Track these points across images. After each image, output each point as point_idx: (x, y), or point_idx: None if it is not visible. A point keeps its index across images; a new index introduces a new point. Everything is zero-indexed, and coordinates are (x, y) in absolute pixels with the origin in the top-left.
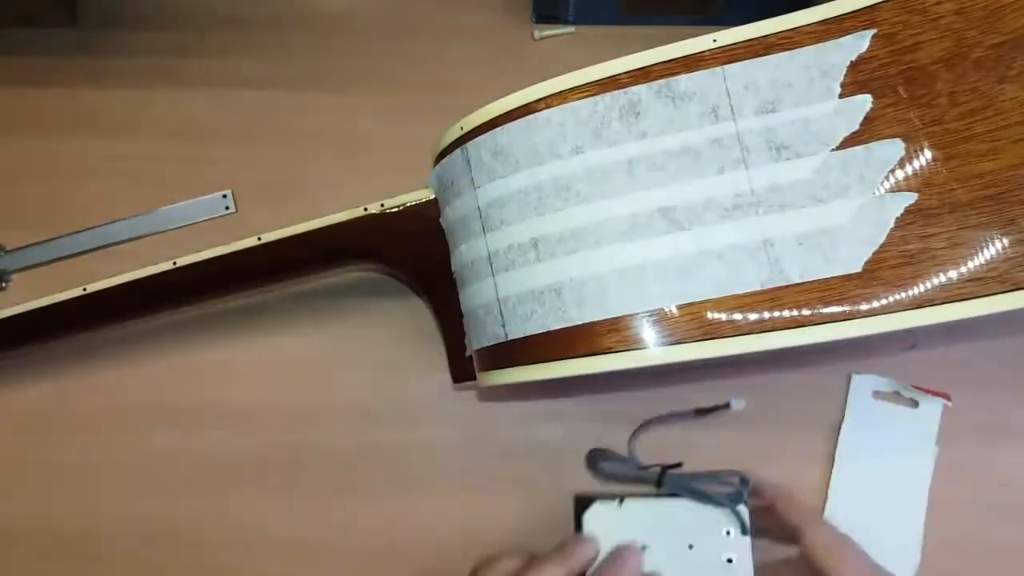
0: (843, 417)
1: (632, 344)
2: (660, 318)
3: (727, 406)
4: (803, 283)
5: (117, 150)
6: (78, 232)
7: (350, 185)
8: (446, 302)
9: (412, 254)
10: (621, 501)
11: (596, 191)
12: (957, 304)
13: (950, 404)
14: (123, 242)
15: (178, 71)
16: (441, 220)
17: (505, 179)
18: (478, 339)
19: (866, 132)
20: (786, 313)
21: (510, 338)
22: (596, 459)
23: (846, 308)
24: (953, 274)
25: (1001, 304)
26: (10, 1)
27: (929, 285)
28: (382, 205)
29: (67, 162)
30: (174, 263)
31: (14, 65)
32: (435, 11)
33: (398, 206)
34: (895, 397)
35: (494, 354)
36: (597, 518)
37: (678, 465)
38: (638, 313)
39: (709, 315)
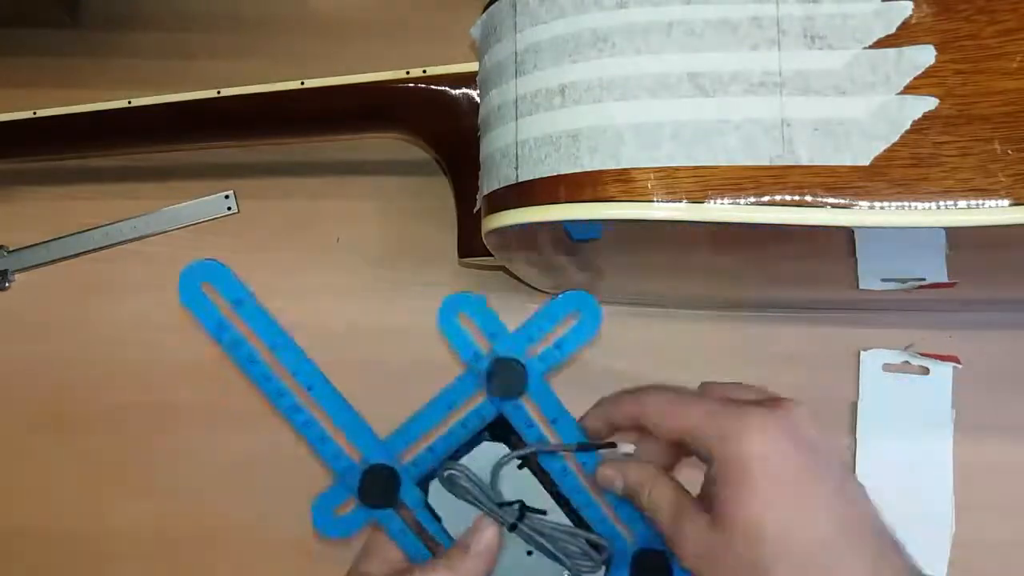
0: (858, 394)
1: (635, 196)
2: (667, 175)
3: (613, 445)
4: (810, 166)
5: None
6: (80, 232)
7: (353, 184)
8: (465, 179)
9: (443, 125)
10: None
11: (631, 46)
12: (956, 213)
13: (960, 367)
14: (126, 242)
15: (179, 71)
16: (478, 74)
17: (547, 24)
18: (490, 183)
19: (901, 36)
20: (788, 191)
21: (520, 180)
22: (453, 477)
23: (847, 199)
24: (958, 182)
25: (999, 217)
26: (10, 1)
27: (932, 189)
28: (424, 71)
29: (69, 162)
30: (218, 92)
31: (14, 65)
32: (435, 11)
33: (440, 73)
34: (905, 367)
35: (502, 196)
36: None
37: (542, 512)
38: (647, 167)
39: (715, 180)
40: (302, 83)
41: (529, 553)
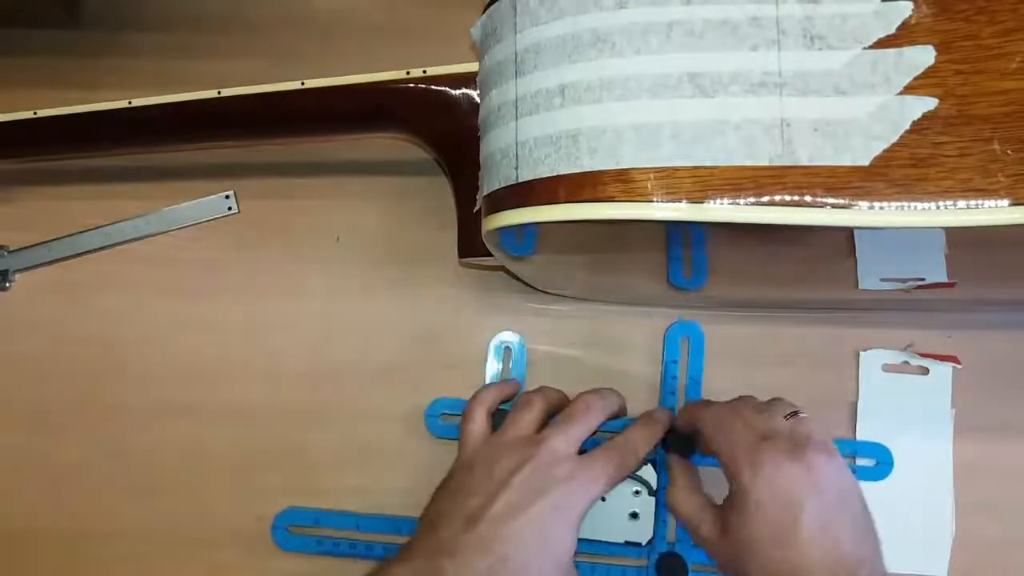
0: (858, 394)
1: (635, 196)
2: (667, 175)
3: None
4: (810, 166)
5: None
6: (81, 232)
7: (353, 184)
8: (465, 179)
9: (443, 125)
10: None
11: (631, 46)
12: (955, 213)
13: (960, 367)
14: (126, 242)
15: (179, 71)
16: (478, 74)
17: (548, 24)
18: (490, 184)
19: (901, 37)
20: (788, 191)
21: (520, 180)
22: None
23: (846, 199)
24: (957, 182)
25: (999, 217)
26: (10, 1)
27: (932, 190)
28: (424, 71)
29: (69, 162)
30: (218, 92)
31: (14, 65)
32: (435, 11)
33: (440, 73)
34: (905, 367)
35: (502, 196)
36: None
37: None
38: (647, 167)
39: (714, 180)
40: (302, 83)
41: (634, 516)
